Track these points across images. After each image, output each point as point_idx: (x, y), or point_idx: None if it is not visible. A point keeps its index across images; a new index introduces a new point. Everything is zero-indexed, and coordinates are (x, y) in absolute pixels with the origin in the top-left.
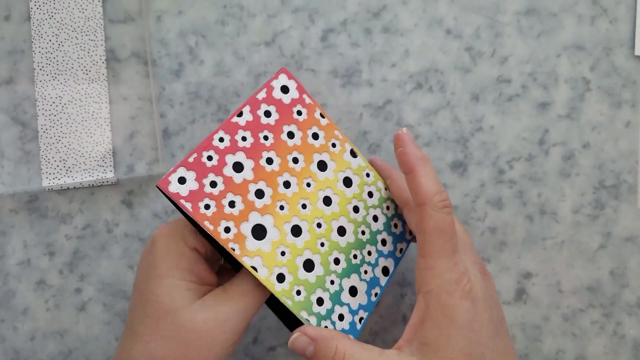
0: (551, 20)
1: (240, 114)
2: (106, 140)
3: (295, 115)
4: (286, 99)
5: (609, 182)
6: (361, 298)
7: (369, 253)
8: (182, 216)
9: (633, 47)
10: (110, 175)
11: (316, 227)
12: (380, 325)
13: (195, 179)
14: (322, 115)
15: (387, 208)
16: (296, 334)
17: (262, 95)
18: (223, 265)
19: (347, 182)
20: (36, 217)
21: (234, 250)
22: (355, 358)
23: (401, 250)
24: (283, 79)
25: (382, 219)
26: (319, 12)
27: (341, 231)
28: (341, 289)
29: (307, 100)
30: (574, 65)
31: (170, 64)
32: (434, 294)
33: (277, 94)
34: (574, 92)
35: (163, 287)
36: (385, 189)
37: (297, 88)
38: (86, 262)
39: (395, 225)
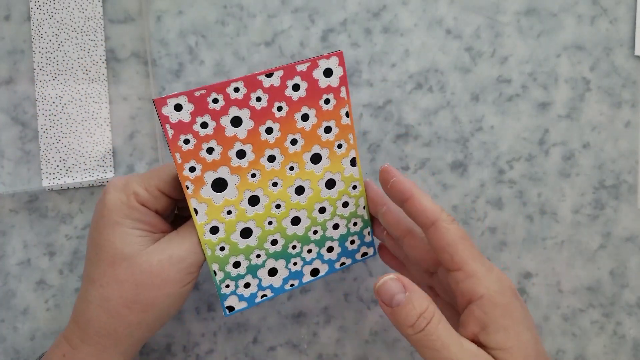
0: (551, 20)
1: (269, 75)
2: (106, 140)
3: (321, 102)
4: (323, 82)
5: (609, 182)
6: (276, 281)
7: (309, 251)
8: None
9: (633, 47)
10: (110, 175)
11: (274, 207)
12: (380, 326)
13: (190, 112)
14: (347, 115)
15: (354, 224)
16: (390, 275)
17: (302, 67)
18: (178, 214)
19: (330, 184)
20: (36, 217)
21: (187, 188)
22: (440, 327)
23: (343, 264)
24: (332, 62)
25: (342, 231)
26: (319, 12)
27: (295, 221)
28: (262, 265)
29: (342, 94)
30: (574, 65)
31: (170, 64)
32: (487, 299)
33: (317, 73)
34: (574, 92)
35: (116, 234)
36: (364, 207)
37: (340, 77)
38: None
39: (352, 242)
